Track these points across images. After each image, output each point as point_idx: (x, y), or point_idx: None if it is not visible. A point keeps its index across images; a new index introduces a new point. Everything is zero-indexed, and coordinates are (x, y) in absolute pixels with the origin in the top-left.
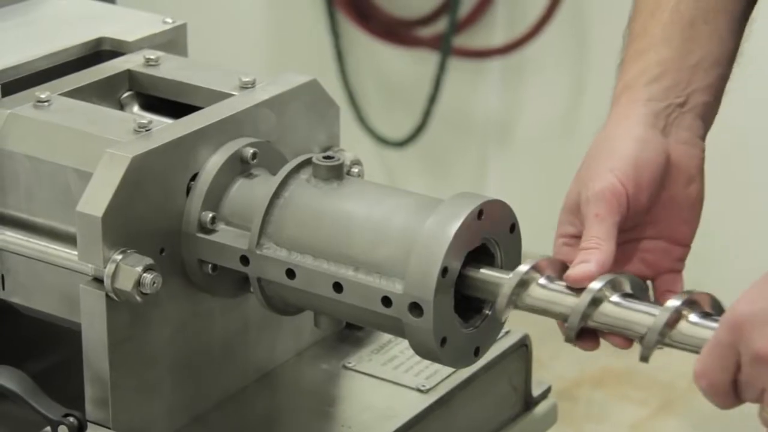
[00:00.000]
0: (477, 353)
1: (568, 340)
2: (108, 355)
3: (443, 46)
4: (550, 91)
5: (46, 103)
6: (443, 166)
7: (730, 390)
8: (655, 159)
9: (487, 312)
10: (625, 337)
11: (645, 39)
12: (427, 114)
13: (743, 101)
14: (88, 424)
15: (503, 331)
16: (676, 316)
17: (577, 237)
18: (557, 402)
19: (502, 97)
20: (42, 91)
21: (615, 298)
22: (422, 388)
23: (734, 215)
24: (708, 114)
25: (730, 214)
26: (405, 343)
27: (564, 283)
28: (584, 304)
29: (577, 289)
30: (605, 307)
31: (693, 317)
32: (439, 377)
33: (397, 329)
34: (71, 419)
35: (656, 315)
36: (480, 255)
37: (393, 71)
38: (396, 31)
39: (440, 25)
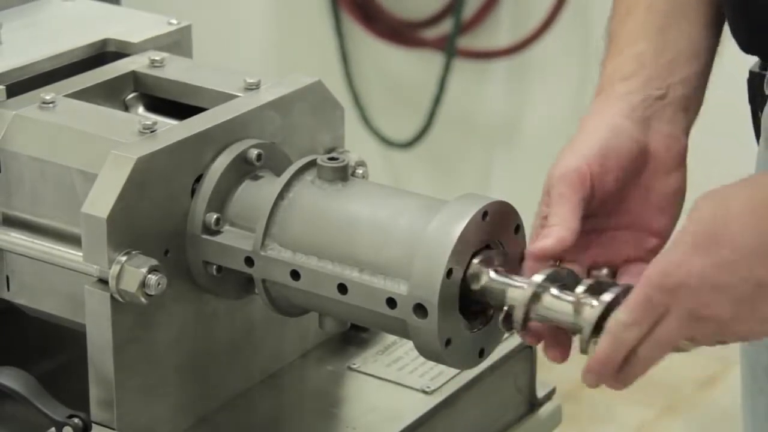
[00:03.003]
0: (482, 354)
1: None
2: (113, 356)
3: (448, 47)
4: (555, 93)
5: (51, 105)
6: (448, 168)
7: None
8: (624, 145)
9: (491, 314)
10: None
11: (622, 37)
12: (431, 115)
13: None
14: (93, 425)
15: None
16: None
17: None
18: (562, 403)
19: (507, 98)
20: (47, 93)
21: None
22: (427, 390)
23: None
24: (690, 106)
25: None
26: (410, 344)
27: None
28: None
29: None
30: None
31: (554, 290)
32: (443, 378)
33: (402, 330)
34: (76, 420)
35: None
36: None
37: (398, 72)
38: (401, 32)
39: (445, 26)
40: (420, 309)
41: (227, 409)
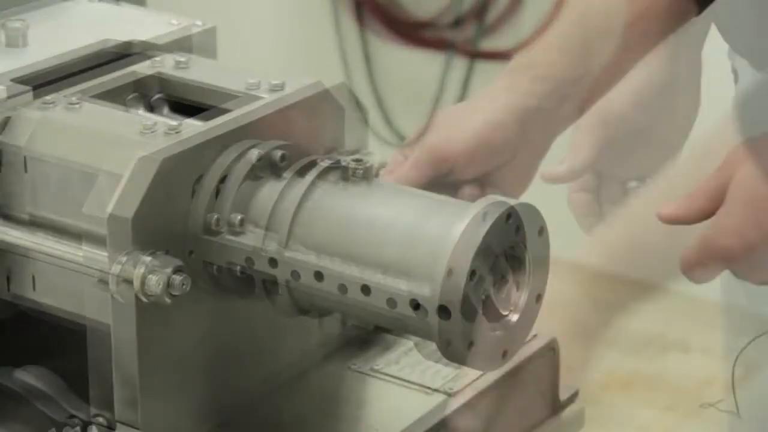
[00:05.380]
0: (505, 356)
1: None
2: (137, 356)
3: (471, 49)
4: None
5: (75, 106)
6: None
7: None
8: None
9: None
10: None
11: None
12: None
13: None
14: (117, 424)
15: (531, 334)
16: None
17: None
18: (585, 406)
19: None
20: (72, 94)
21: None
22: (450, 392)
23: None
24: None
25: None
26: (433, 345)
27: None
28: None
29: None
30: None
31: None
32: (466, 380)
33: (425, 332)
34: (101, 419)
35: None
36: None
37: (421, 74)
38: (424, 35)
39: (468, 29)
40: (443, 311)
41: (250, 410)
